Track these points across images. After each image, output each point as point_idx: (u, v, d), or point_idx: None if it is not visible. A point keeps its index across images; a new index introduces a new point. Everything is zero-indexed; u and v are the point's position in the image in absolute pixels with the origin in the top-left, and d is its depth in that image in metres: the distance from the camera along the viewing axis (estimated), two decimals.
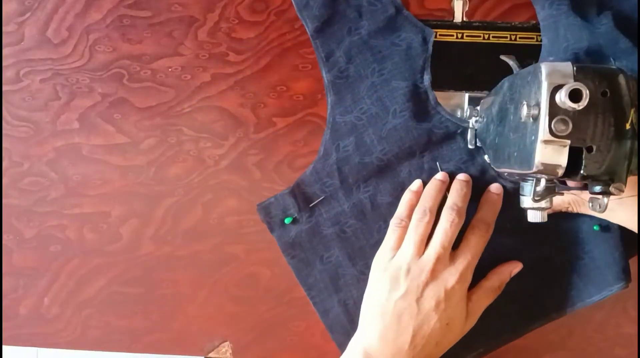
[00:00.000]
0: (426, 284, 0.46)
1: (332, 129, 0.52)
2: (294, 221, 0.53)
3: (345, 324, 0.53)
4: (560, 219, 0.50)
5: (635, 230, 0.45)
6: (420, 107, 0.51)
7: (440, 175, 0.50)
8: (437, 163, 0.51)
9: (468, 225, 0.49)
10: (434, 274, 0.46)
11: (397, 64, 0.51)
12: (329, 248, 0.53)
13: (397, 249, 0.48)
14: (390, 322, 0.46)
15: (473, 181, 0.50)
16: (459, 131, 0.51)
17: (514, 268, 0.50)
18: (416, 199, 0.50)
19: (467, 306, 0.47)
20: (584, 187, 0.41)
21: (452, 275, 0.46)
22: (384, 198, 0.52)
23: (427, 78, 0.51)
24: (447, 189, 0.50)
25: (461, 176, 0.50)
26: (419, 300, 0.46)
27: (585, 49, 0.46)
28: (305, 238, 0.53)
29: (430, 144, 0.51)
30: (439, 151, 0.51)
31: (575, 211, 0.49)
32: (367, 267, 0.51)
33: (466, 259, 0.46)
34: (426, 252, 0.47)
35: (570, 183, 0.43)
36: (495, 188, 0.50)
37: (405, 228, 0.48)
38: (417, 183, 0.51)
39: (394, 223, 0.49)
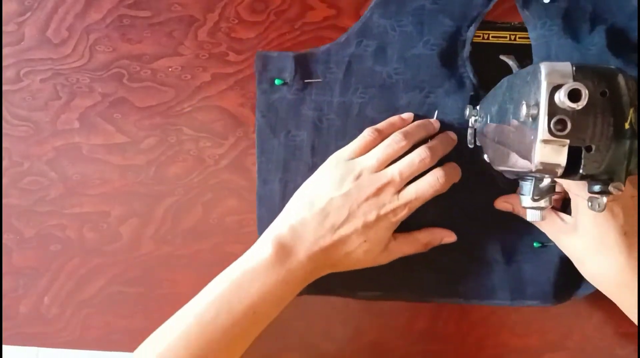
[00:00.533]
0: (367, 198, 0.46)
1: (364, 25, 0.52)
2: (283, 85, 0.53)
3: (275, 201, 0.53)
4: (515, 218, 0.51)
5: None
6: (452, 52, 0.51)
7: (433, 120, 0.51)
8: (436, 111, 0.51)
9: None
10: (378, 193, 0.46)
11: (454, 2, 0.51)
12: (299, 128, 0.53)
13: (358, 155, 0.48)
14: (315, 214, 0.46)
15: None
16: (472, 93, 0.51)
17: (448, 237, 0.51)
18: (401, 125, 0.50)
19: (388, 242, 0.48)
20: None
21: (391, 203, 0.46)
22: (373, 112, 0.52)
23: (472, 30, 0.51)
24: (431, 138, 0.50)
25: (451, 133, 0.51)
26: (352, 208, 0.46)
27: None
28: (284, 107, 0.53)
29: (440, 89, 0.51)
30: (444, 100, 0.51)
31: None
32: (322, 163, 0.51)
33: (410, 196, 0.46)
34: (383, 171, 0.47)
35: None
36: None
37: (375, 141, 0.49)
38: (409, 114, 0.51)
39: (367, 131, 0.49)
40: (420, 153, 0.47)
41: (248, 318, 0.45)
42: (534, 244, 0.52)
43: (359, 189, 0.46)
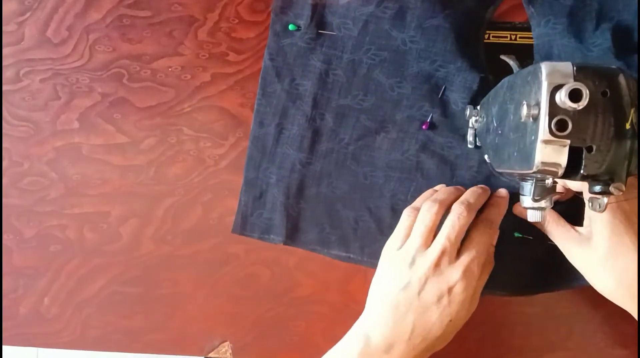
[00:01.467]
0: (428, 278, 0.45)
1: None
2: (296, 31, 0.52)
3: (268, 144, 0.53)
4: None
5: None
6: (470, 30, 0.51)
7: (460, 187, 0.51)
8: (444, 87, 0.51)
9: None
10: (437, 267, 0.45)
11: None
12: (304, 78, 0.52)
13: (406, 239, 0.48)
14: (391, 311, 0.46)
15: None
16: (482, 75, 0.50)
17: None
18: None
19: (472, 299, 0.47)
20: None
21: (456, 270, 0.45)
22: (380, 75, 0.51)
23: (490, 11, 0.51)
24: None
25: (482, 186, 0.50)
26: (420, 292, 0.45)
27: None
28: (294, 53, 0.52)
29: (452, 66, 0.51)
30: (453, 76, 0.51)
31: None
32: (321, 117, 0.51)
33: (470, 254, 0.46)
34: (432, 244, 0.46)
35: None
36: (502, 192, 0.50)
37: (414, 219, 0.48)
38: (441, 186, 0.51)
39: (406, 213, 0.49)
40: (457, 210, 0.46)
41: None
42: (515, 234, 0.51)
43: (416, 274, 0.45)
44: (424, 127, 0.51)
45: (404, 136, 0.52)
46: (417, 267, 0.46)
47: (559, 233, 0.48)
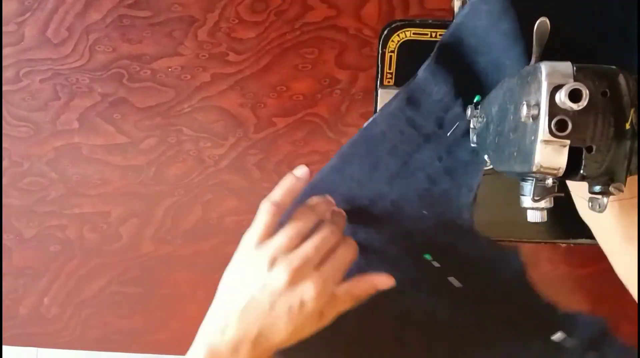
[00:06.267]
0: (285, 285, 0.44)
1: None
2: None
3: None
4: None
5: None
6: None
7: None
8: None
9: None
10: (296, 275, 0.44)
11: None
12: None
13: (264, 236, 0.46)
14: (240, 311, 0.45)
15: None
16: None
17: (384, 284, 0.47)
18: (297, 186, 0.47)
19: (320, 315, 0.45)
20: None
21: (312, 283, 0.44)
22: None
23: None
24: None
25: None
26: (274, 299, 0.44)
27: None
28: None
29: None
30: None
31: None
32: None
33: (331, 270, 0.45)
34: (297, 250, 0.45)
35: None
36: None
37: (275, 217, 0.46)
38: (303, 170, 0.47)
39: (266, 208, 0.46)
40: (330, 226, 0.45)
41: None
42: (425, 255, 0.50)
43: (276, 277, 0.44)
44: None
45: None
46: (277, 272, 0.44)
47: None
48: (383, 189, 0.50)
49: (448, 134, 0.51)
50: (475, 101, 0.48)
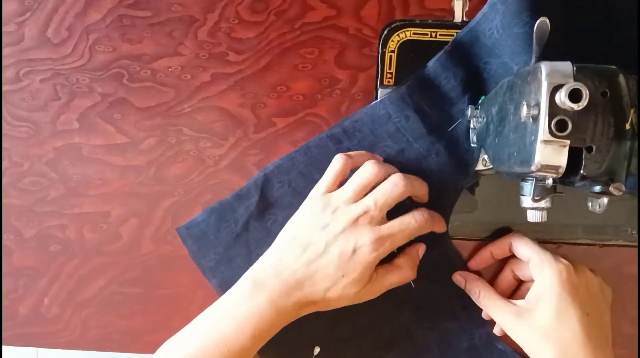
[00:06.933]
0: (343, 230, 0.45)
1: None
2: None
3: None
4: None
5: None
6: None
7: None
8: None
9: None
10: (354, 225, 0.45)
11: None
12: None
13: (333, 187, 0.48)
14: (293, 249, 0.46)
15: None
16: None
17: (420, 248, 0.50)
18: (371, 157, 0.50)
19: (370, 275, 0.46)
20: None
21: (370, 235, 0.44)
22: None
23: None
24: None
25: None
26: (328, 241, 0.45)
27: None
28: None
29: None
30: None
31: None
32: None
33: (391, 230, 0.45)
34: (359, 201, 0.46)
35: None
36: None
37: (346, 167, 0.48)
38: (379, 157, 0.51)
39: (340, 158, 0.48)
40: (394, 179, 0.46)
41: (222, 355, 0.44)
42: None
43: (335, 222, 0.45)
44: None
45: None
46: (338, 216, 0.45)
47: (496, 307, 0.48)
48: None
49: (449, 129, 0.51)
50: (480, 101, 0.48)
